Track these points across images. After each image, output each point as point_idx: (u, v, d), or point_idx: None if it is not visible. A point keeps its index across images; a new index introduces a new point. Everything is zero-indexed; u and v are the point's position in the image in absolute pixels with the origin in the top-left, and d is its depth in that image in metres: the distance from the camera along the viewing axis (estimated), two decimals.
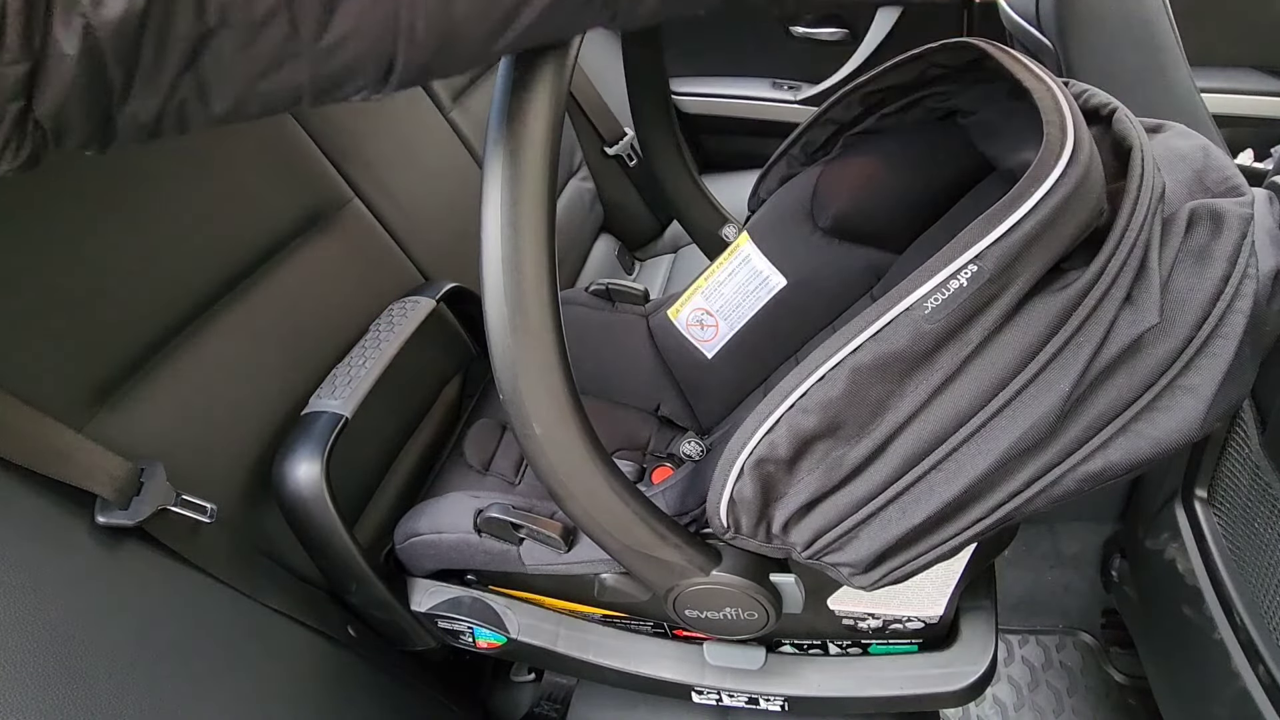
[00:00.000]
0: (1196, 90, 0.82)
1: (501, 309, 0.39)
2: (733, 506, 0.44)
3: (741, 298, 0.77)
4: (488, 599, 0.68)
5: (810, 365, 0.38)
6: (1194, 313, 0.38)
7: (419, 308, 0.76)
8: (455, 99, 1.04)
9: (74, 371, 0.52)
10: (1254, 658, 0.58)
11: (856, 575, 0.45)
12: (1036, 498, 0.40)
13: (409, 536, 0.65)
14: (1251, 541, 0.59)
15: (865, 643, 0.64)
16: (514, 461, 0.78)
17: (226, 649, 0.56)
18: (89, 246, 0.54)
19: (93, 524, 0.48)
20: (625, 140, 1.28)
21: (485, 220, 0.38)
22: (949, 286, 0.35)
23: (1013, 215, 0.34)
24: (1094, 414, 0.38)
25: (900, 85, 0.57)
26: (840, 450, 0.40)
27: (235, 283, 0.65)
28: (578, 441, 0.43)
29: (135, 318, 0.57)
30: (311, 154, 0.77)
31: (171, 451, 0.55)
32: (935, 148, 0.62)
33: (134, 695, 0.47)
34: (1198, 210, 0.39)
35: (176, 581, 0.53)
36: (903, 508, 0.41)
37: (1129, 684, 0.91)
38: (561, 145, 0.41)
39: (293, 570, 0.65)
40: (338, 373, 0.68)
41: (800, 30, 1.34)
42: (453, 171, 0.99)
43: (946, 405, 0.38)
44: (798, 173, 0.71)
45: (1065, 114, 0.37)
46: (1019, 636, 0.97)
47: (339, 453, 0.61)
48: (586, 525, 0.47)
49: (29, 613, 0.43)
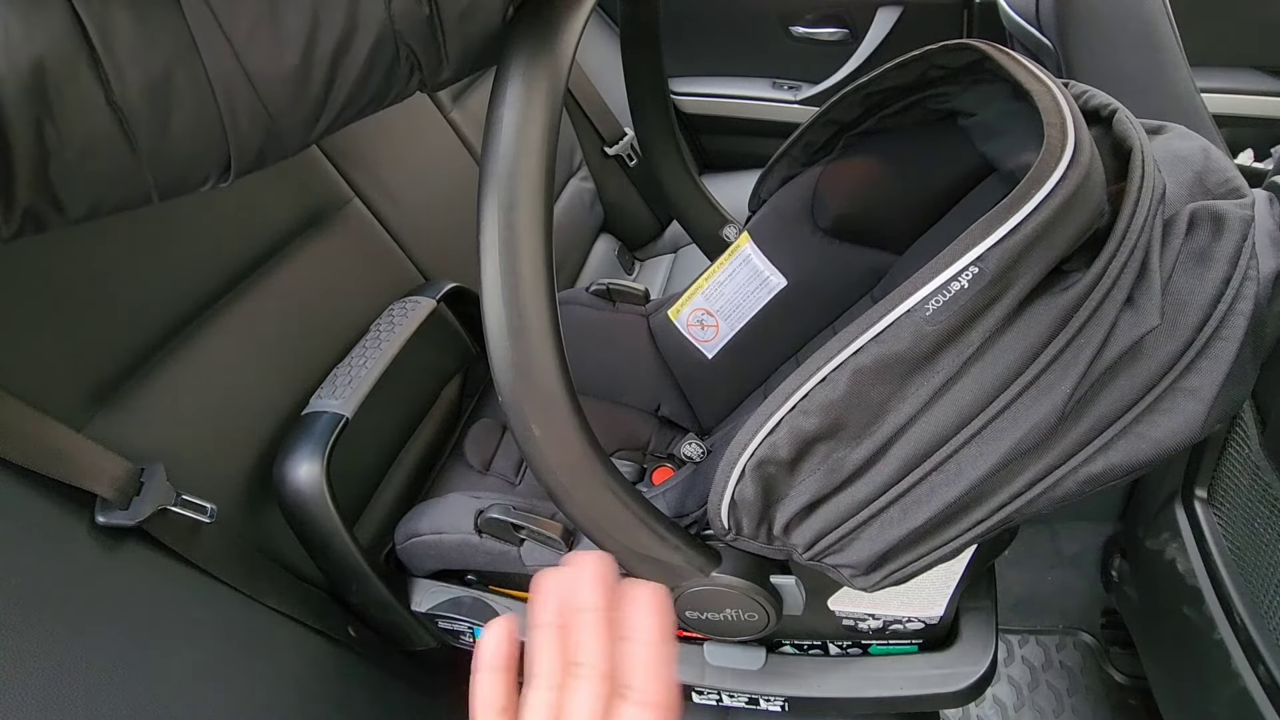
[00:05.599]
0: (1196, 90, 0.82)
1: (500, 310, 0.39)
2: (734, 508, 0.44)
3: (742, 298, 0.77)
4: (488, 599, 0.68)
5: (811, 366, 0.38)
6: (1195, 314, 0.38)
7: (419, 308, 0.76)
8: (455, 99, 1.04)
9: (74, 371, 0.52)
10: (1254, 658, 0.58)
11: (858, 577, 0.45)
12: (1038, 499, 0.40)
13: (409, 537, 0.65)
14: (1251, 541, 0.59)
15: (865, 643, 0.64)
16: (514, 462, 0.78)
17: (226, 649, 0.56)
18: (89, 247, 0.54)
19: (93, 524, 0.48)
20: (625, 140, 1.28)
21: (483, 222, 0.38)
22: (950, 288, 0.35)
23: (1014, 217, 0.34)
24: (1095, 416, 0.38)
25: (901, 86, 0.57)
26: (841, 452, 0.40)
27: (235, 283, 0.65)
28: (577, 443, 0.43)
29: (135, 318, 0.57)
30: (312, 154, 0.77)
31: (171, 451, 0.55)
32: (936, 149, 0.62)
33: (134, 695, 0.47)
34: (1198, 212, 0.39)
35: (176, 581, 0.53)
36: (904, 509, 0.41)
37: (1129, 684, 0.92)
38: (561, 145, 0.41)
39: (293, 570, 0.65)
40: (338, 373, 0.68)
41: (800, 30, 1.34)
42: (453, 171, 0.99)
43: (948, 407, 0.38)
44: (798, 173, 0.71)
45: (1066, 115, 0.37)
46: (1019, 636, 0.97)
47: (339, 453, 0.61)
48: (586, 527, 0.47)
49: (29, 613, 0.43)
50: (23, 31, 0.30)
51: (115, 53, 0.32)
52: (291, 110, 0.38)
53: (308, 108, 0.38)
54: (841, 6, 1.30)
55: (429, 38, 0.40)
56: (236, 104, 0.36)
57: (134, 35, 0.32)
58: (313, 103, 0.38)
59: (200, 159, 0.37)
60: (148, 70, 0.33)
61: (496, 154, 0.38)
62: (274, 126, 0.37)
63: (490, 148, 0.38)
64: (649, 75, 0.76)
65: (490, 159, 0.38)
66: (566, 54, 0.40)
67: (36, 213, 0.33)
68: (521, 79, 0.39)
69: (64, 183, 0.33)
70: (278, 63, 0.36)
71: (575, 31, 0.41)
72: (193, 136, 0.35)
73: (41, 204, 0.33)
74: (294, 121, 0.38)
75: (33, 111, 0.30)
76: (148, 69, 0.33)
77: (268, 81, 0.36)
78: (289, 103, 0.37)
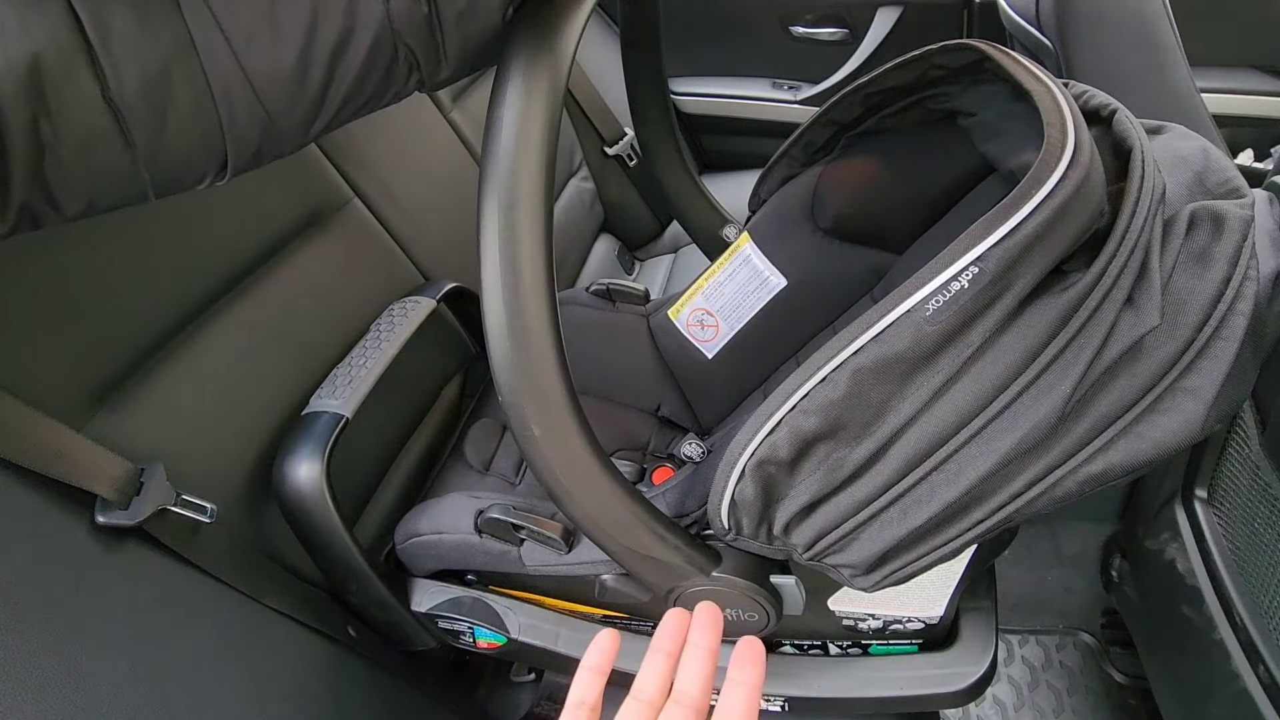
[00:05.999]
0: (1196, 90, 0.82)
1: (500, 311, 0.39)
2: (734, 508, 0.44)
3: (742, 298, 0.77)
4: (488, 599, 0.68)
5: (811, 366, 0.38)
6: (1195, 315, 0.38)
7: (419, 308, 0.76)
8: (455, 99, 1.04)
9: (74, 371, 0.52)
10: (1254, 658, 0.58)
11: (858, 577, 0.45)
12: (1038, 499, 0.40)
13: (409, 537, 0.65)
14: (1251, 541, 0.59)
15: (865, 643, 0.64)
16: (514, 462, 0.78)
17: (226, 649, 0.56)
18: (89, 246, 0.54)
19: (93, 524, 0.48)
20: (625, 140, 1.28)
21: (483, 222, 0.38)
22: (950, 288, 0.35)
23: (1014, 217, 0.34)
24: (1095, 416, 0.38)
25: (901, 86, 0.57)
26: (841, 452, 0.40)
27: (235, 283, 0.65)
28: (577, 443, 0.43)
29: (135, 318, 0.57)
30: (311, 154, 0.77)
31: (171, 451, 0.55)
32: (936, 149, 0.62)
33: (134, 695, 0.47)
34: (1198, 212, 0.39)
35: (176, 581, 0.53)
36: (904, 509, 0.41)
37: (1129, 684, 0.91)
38: (561, 145, 0.41)
39: (293, 570, 0.65)
40: (338, 373, 0.68)
41: (800, 30, 1.34)
42: (453, 171, 0.99)
43: (948, 407, 0.38)
44: (798, 173, 0.71)
45: (1066, 116, 0.37)
46: (1019, 636, 0.97)
47: (339, 453, 0.61)
48: (586, 527, 0.47)
49: (29, 613, 0.43)
50: (20, 28, 0.30)
51: (112, 50, 0.32)
52: (289, 109, 0.38)
53: (305, 106, 0.38)
54: (841, 6, 1.30)
55: (427, 37, 0.40)
56: (234, 102, 0.36)
57: (131, 33, 0.32)
58: (310, 101, 0.38)
59: (197, 157, 0.37)
60: (145, 68, 0.33)
61: (496, 154, 0.38)
62: (271, 125, 0.37)
63: (490, 147, 0.38)
64: (649, 75, 0.76)
65: (490, 159, 0.38)
66: (566, 54, 0.40)
67: (33, 209, 0.33)
68: (521, 79, 0.39)
69: (60, 179, 0.33)
70: (276, 61, 0.36)
71: (575, 31, 0.41)
72: (189, 134, 0.35)
73: (38, 201, 0.33)
74: (291, 120, 0.38)
75: (29, 108, 0.30)
76: (145, 66, 0.33)
77: (265, 80, 0.36)
78: (286, 101, 0.37)
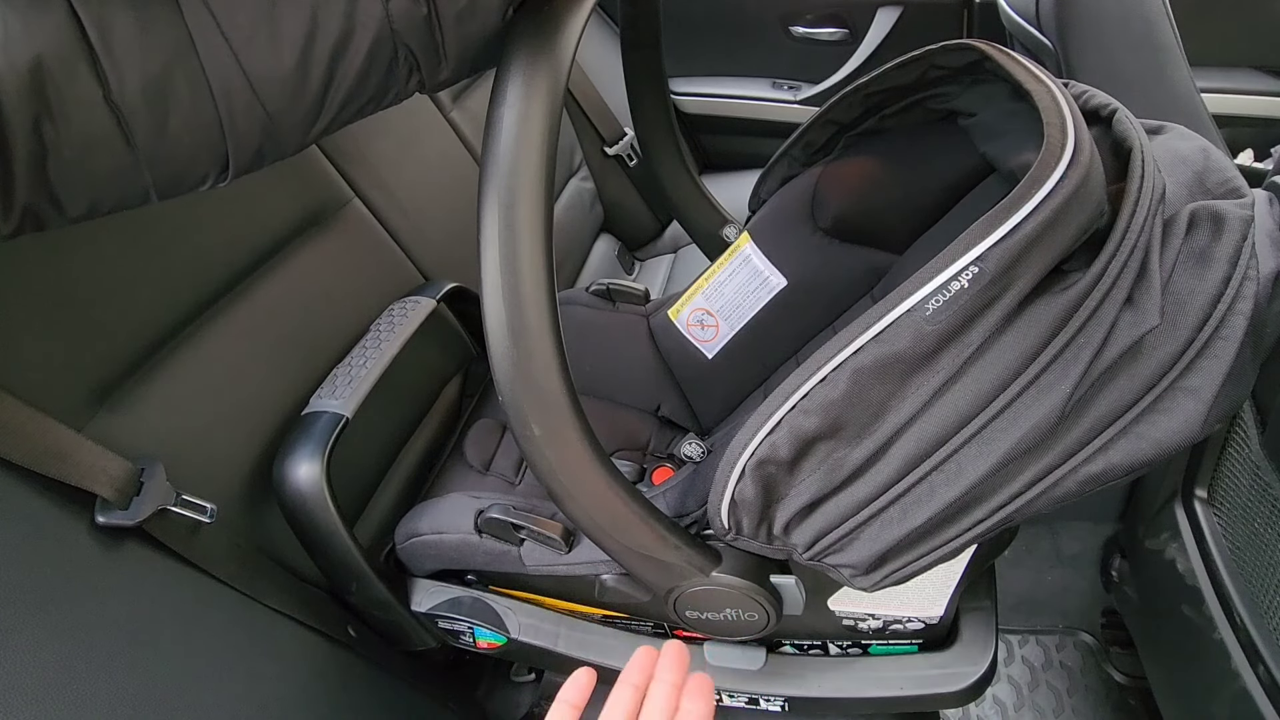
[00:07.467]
0: (1196, 90, 0.82)
1: (500, 310, 0.39)
2: (734, 508, 0.44)
3: (742, 298, 0.77)
4: (488, 599, 0.68)
5: (811, 366, 0.38)
6: (1195, 314, 0.38)
7: (419, 308, 0.76)
8: (455, 99, 1.04)
9: (74, 371, 0.52)
10: (1254, 658, 0.58)
11: (858, 577, 0.45)
12: (1037, 499, 0.40)
13: (410, 536, 0.65)
14: (1251, 541, 0.59)
15: (865, 643, 0.64)
16: (514, 461, 0.78)
17: (226, 649, 0.56)
18: (89, 246, 0.54)
19: (93, 524, 0.48)
20: (625, 140, 1.28)
21: (483, 222, 0.38)
22: (950, 288, 0.35)
23: (1014, 217, 0.34)
24: (1095, 416, 0.38)
25: (901, 86, 0.57)
26: (841, 451, 0.40)
27: (235, 282, 0.65)
28: (577, 443, 0.43)
29: (135, 318, 0.57)
30: (312, 154, 0.77)
31: (171, 451, 0.55)
32: (936, 149, 0.62)
33: (134, 695, 0.47)
34: (1198, 212, 0.39)
35: (176, 581, 0.53)
36: (904, 509, 0.41)
37: (1129, 684, 0.92)
38: (561, 145, 0.41)
39: (293, 570, 0.65)
40: (338, 373, 0.68)
41: (800, 30, 1.34)
42: (453, 171, 0.99)
43: (948, 407, 0.38)
44: (798, 173, 0.71)
45: (1066, 116, 0.37)
46: (1019, 636, 0.97)
47: (339, 453, 0.61)
48: (586, 527, 0.47)
49: (29, 613, 0.43)
50: (22, 30, 0.30)
51: (114, 52, 0.32)
52: (290, 110, 0.38)
53: (306, 108, 0.38)
54: (841, 6, 1.30)
55: (427, 38, 0.40)
56: (235, 104, 0.36)
57: (132, 35, 0.33)
58: (311, 103, 0.38)
59: (198, 158, 0.37)
60: (146, 70, 0.33)
61: (497, 154, 0.38)
62: (272, 126, 0.38)
63: (490, 147, 0.38)
64: (649, 75, 0.76)
65: (490, 159, 0.38)
66: (566, 54, 0.40)
67: (35, 211, 0.33)
68: (521, 79, 0.39)
69: (62, 181, 0.33)
70: (276, 63, 0.36)
71: (575, 31, 0.41)
72: (191, 136, 0.35)
73: (40, 202, 0.33)
74: (292, 121, 0.38)
75: (31, 110, 0.30)
76: (146, 68, 0.33)
77: (266, 81, 0.36)
78: (287, 102, 0.37)
